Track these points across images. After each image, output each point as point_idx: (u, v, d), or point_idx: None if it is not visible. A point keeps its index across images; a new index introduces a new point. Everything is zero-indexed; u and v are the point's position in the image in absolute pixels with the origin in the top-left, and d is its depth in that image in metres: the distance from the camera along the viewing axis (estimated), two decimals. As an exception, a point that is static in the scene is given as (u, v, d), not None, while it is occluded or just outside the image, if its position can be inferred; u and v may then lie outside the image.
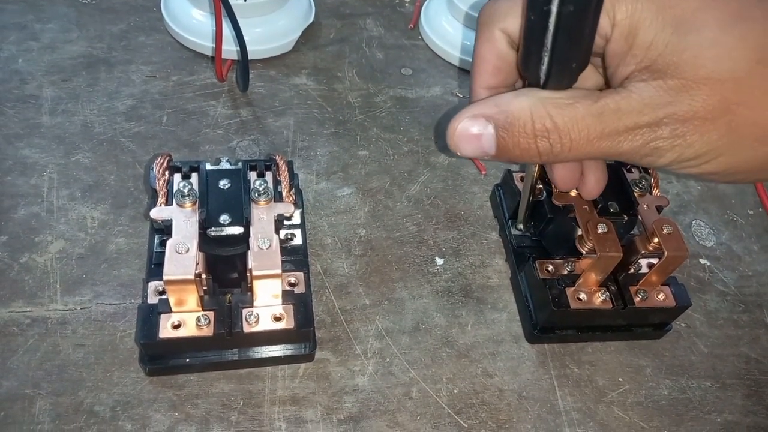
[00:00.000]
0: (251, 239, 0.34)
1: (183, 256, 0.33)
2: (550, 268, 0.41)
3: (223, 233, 0.34)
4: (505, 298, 0.44)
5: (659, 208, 0.41)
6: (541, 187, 0.42)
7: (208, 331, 0.35)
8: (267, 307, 0.36)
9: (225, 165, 0.38)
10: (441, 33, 0.60)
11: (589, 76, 0.30)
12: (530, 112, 0.26)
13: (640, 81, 0.26)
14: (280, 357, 0.38)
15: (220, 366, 0.38)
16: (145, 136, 0.50)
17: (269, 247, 0.34)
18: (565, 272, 0.41)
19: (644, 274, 0.40)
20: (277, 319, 0.36)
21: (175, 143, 0.50)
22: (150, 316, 0.35)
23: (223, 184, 0.36)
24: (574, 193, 0.40)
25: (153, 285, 0.37)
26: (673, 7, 0.25)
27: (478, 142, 0.27)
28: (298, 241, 0.42)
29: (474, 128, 0.27)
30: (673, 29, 0.25)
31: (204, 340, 0.35)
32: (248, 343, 0.37)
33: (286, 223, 0.41)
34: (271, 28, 0.57)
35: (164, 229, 0.35)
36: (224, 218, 0.35)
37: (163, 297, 0.35)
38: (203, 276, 0.35)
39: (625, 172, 0.42)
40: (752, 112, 0.25)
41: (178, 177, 0.37)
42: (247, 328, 0.35)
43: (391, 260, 0.45)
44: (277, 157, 0.38)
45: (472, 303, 0.43)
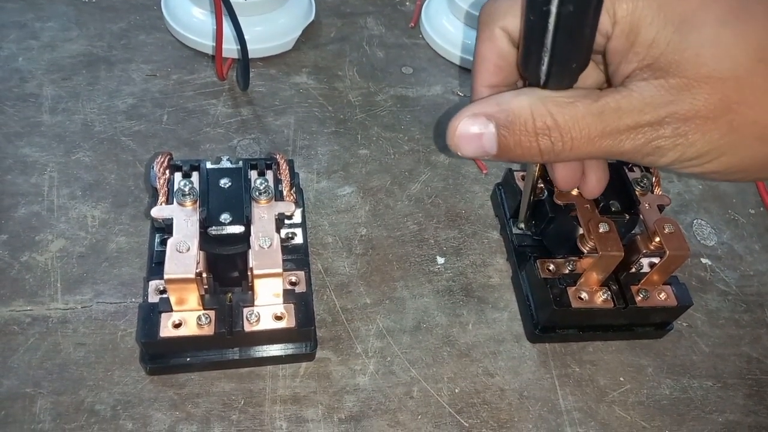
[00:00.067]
0: (252, 238, 0.34)
1: (184, 255, 0.33)
2: (552, 268, 0.41)
3: (224, 232, 0.34)
4: (506, 298, 0.44)
5: (661, 208, 0.41)
6: (542, 186, 0.42)
7: (208, 330, 0.35)
8: (268, 306, 0.36)
9: (226, 164, 0.38)
10: (442, 32, 0.60)
11: (590, 74, 0.30)
12: (531, 110, 0.26)
13: (641, 80, 0.26)
14: (281, 356, 0.38)
15: (221, 365, 0.38)
16: (146, 135, 0.50)
17: (270, 246, 0.34)
18: (567, 271, 0.41)
19: (645, 274, 0.40)
20: (278, 318, 0.36)
21: (175, 142, 0.50)
22: (151, 315, 0.35)
23: (224, 182, 0.36)
24: (575, 192, 0.40)
25: (154, 284, 0.37)
26: (674, 6, 0.25)
27: (479, 142, 0.27)
28: (299, 240, 0.42)
29: (474, 127, 0.27)
30: (674, 27, 0.25)
31: (205, 339, 0.35)
32: (249, 342, 0.37)
33: (287, 222, 0.41)
34: (272, 26, 0.56)
35: (165, 228, 0.35)
36: (225, 217, 0.34)
37: (164, 296, 0.35)
38: (204, 275, 0.35)
39: (627, 171, 0.42)
40: (753, 111, 0.24)
41: (178, 176, 0.37)
42: (248, 327, 0.35)
43: (392, 259, 0.45)
44: (277, 156, 0.38)
45: (473, 302, 0.43)
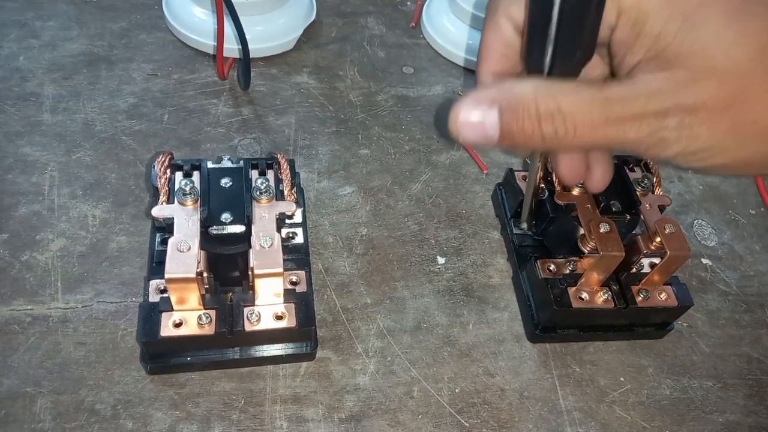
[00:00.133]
0: (253, 238, 0.34)
1: (184, 255, 0.33)
2: (552, 268, 0.41)
3: (225, 232, 0.34)
4: (507, 298, 0.44)
5: (661, 208, 0.41)
6: (543, 186, 0.42)
7: (209, 330, 0.35)
8: (268, 305, 0.36)
9: (226, 163, 0.38)
10: (442, 31, 0.60)
11: (594, 66, 0.30)
12: (535, 95, 0.25)
13: (647, 72, 0.25)
14: (282, 356, 0.38)
15: (222, 365, 0.38)
16: (147, 135, 0.50)
17: (271, 245, 0.34)
18: (567, 271, 0.41)
19: (646, 274, 0.40)
20: (279, 318, 0.36)
21: (176, 141, 0.50)
22: (151, 314, 0.35)
23: (225, 182, 0.36)
24: (576, 191, 0.40)
25: (154, 283, 0.37)
26: (678, 0, 0.25)
27: (482, 127, 0.26)
28: (300, 239, 0.42)
29: (477, 112, 0.26)
30: (681, 20, 0.24)
31: (205, 338, 0.35)
32: (249, 342, 0.37)
33: (288, 221, 0.41)
34: (273, 26, 0.56)
35: (166, 228, 0.35)
36: (226, 217, 0.34)
37: (165, 295, 0.35)
38: (205, 274, 0.35)
39: (628, 171, 0.42)
40: (754, 111, 0.24)
41: (179, 175, 0.37)
42: (248, 327, 0.35)
43: (392, 259, 0.45)
44: (278, 156, 0.38)
45: (474, 302, 0.43)
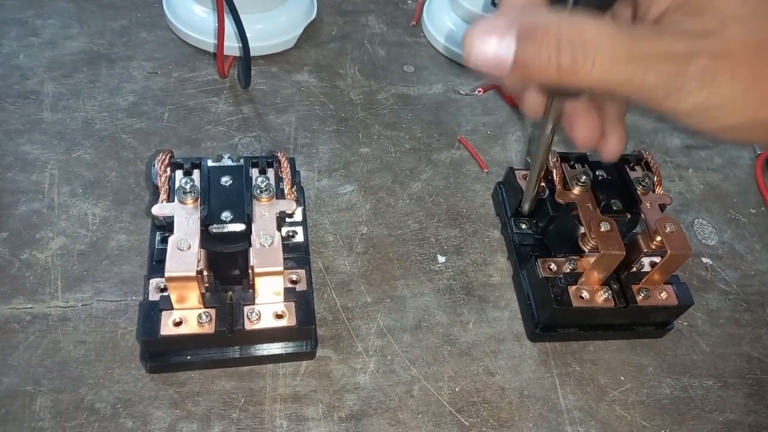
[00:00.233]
0: (253, 236, 0.34)
1: (185, 253, 0.33)
2: (553, 267, 0.41)
3: (225, 230, 0.34)
4: (507, 297, 0.44)
5: (662, 207, 0.41)
6: (544, 185, 0.42)
7: (209, 329, 0.35)
8: (268, 304, 0.36)
9: (227, 162, 0.37)
10: (443, 30, 0.60)
11: (620, 14, 0.30)
12: (557, 19, 0.24)
13: (674, 20, 0.25)
14: (282, 354, 0.38)
15: (222, 363, 0.38)
16: (147, 133, 0.50)
17: (271, 244, 0.34)
18: (568, 270, 0.41)
19: (647, 273, 0.40)
20: (279, 317, 0.36)
21: (176, 140, 0.50)
22: (151, 313, 0.35)
23: (225, 180, 0.36)
24: (577, 190, 0.40)
25: (154, 282, 0.37)
26: None
27: (496, 50, 0.25)
28: (300, 238, 0.42)
29: (493, 34, 0.25)
30: None
31: (205, 337, 0.35)
32: (249, 341, 0.37)
33: (288, 220, 0.41)
34: (273, 24, 0.56)
35: (166, 226, 0.35)
36: (226, 215, 0.34)
37: (165, 294, 0.35)
38: (205, 273, 0.35)
39: (628, 170, 0.42)
40: None
41: (179, 174, 0.37)
42: (248, 326, 0.35)
43: (392, 258, 0.45)
44: (279, 154, 0.38)
45: (474, 301, 0.43)
